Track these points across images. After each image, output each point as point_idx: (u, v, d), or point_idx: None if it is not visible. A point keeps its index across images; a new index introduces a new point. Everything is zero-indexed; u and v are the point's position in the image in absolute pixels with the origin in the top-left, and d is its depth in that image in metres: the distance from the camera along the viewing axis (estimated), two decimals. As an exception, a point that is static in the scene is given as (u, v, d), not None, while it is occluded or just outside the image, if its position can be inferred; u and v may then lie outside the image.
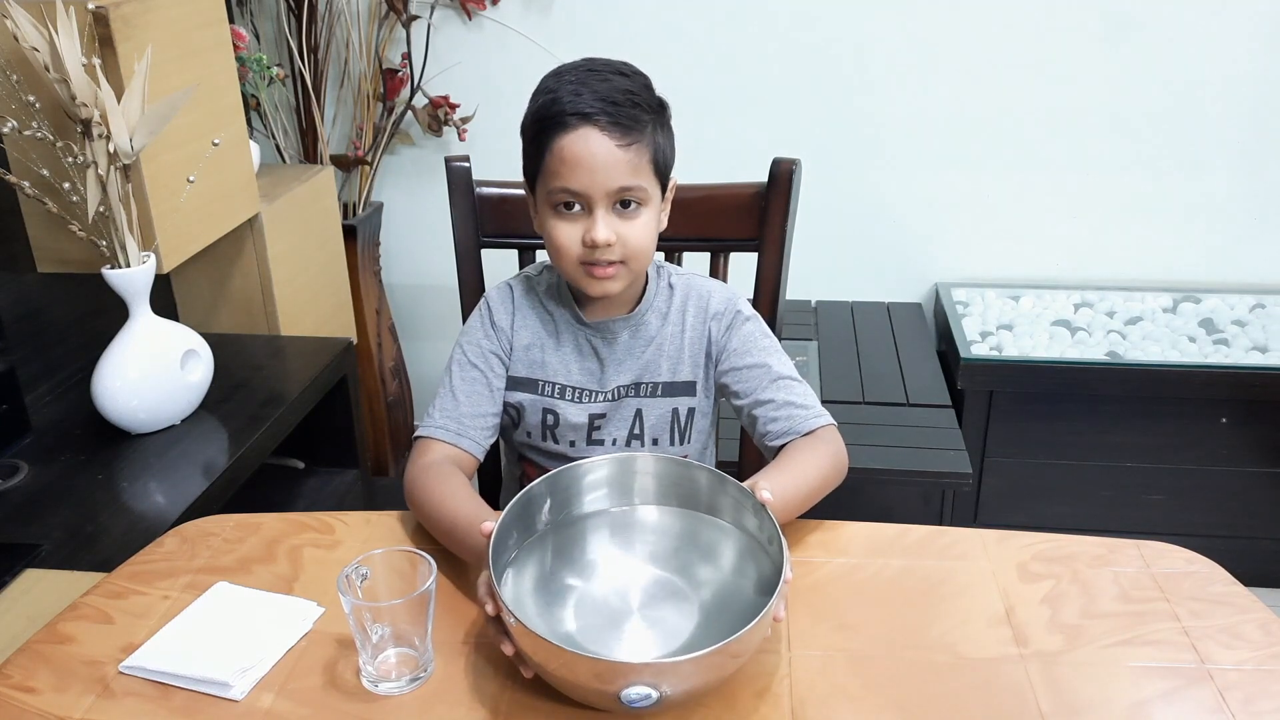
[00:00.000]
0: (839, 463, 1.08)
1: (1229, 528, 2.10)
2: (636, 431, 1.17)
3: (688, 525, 0.97)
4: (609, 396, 1.16)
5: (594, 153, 1.01)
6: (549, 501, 0.96)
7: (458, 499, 1.02)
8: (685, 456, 1.19)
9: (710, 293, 1.17)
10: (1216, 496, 2.08)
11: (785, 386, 1.12)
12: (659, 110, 1.07)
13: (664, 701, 0.79)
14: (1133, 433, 2.06)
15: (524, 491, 0.93)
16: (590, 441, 1.17)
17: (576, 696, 0.82)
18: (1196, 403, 2.03)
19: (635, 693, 0.76)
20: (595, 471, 0.97)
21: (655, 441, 1.17)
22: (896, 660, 0.88)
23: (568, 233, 1.05)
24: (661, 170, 1.07)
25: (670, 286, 1.18)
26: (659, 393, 1.16)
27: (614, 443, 1.17)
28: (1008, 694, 0.83)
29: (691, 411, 1.17)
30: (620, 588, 0.94)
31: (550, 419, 1.16)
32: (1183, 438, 2.05)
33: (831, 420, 1.12)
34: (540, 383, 1.16)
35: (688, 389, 1.17)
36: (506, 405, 1.18)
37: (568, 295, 1.16)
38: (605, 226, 1.03)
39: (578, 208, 1.05)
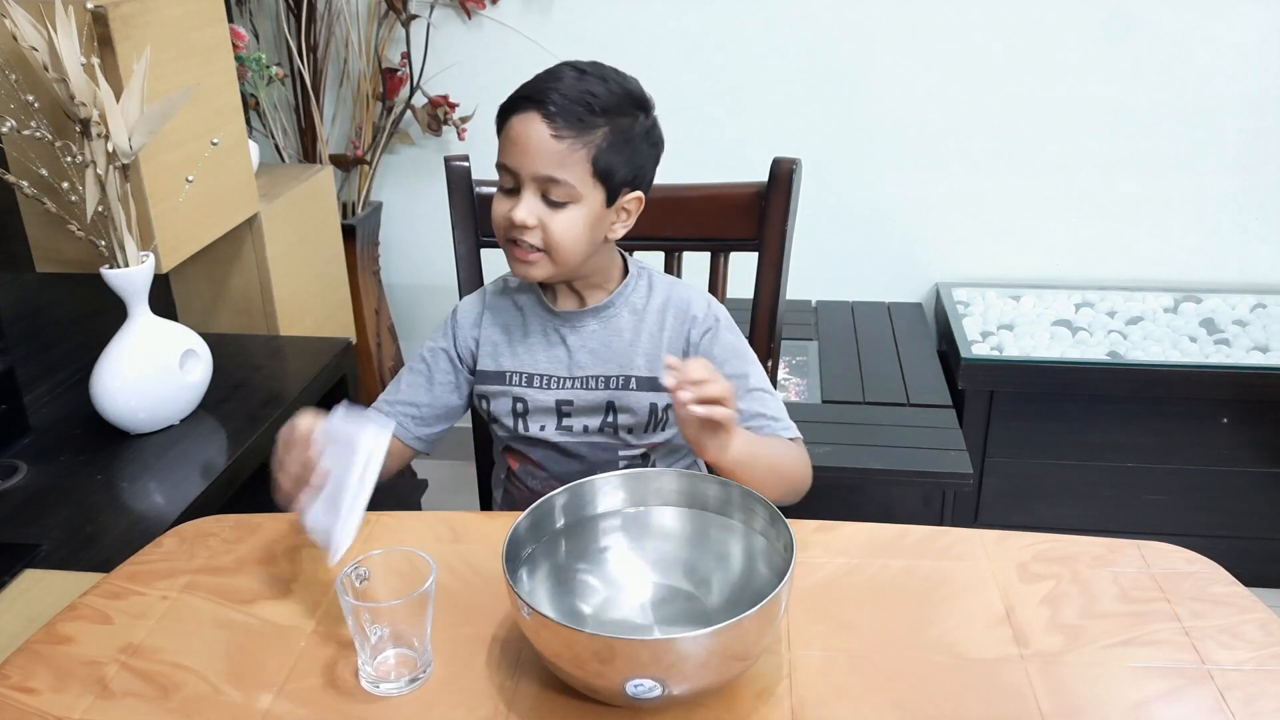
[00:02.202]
0: (803, 468, 1.11)
1: (1229, 528, 2.10)
2: (610, 420, 1.18)
3: (700, 531, 0.97)
4: (577, 384, 1.17)
5: (529, 135, 1.06)
6: (563, 507, 0.96)
7: None
8: (658, 445, 1.20)
9: (691, 299, 1.19)
10: (1217, 496, 2.08)
11: (759, 398, 1.15)
12: (626, 122, 1.08)
13: (667, 698, 0.79)
14: (1133, 433, 2.06)
15: (541, 501, 0.94)
16: (559, 428, 1.19)
17: (581, 686, 0.82)
18: (1197, 403, 2.02)
19: (640, 685, 0.77)
20: (610, 483, 0.98)
21: (630, 430, 1.18)
22: (896, 660, 0.87)
23: (500, 208, 1.11)
24: (603, 176, 1.08)
25: (650, 286, 1.20)
26: (633, 386, 1.17)
27: (584, 429, 1.18)
28: (1008, 694, 0.83)
29: (668, 407, 1.18)
30: (634, 597, 0.95)
31: (520, 406, 1.19)
32: (1183, 438, 2.05)
33: (800, 435, 1.15)
34: (508, 374, 1.20)
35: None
36: (475, 400, 1.23)
37: (538, 287, 1.20)
38: (525, 207, 1.08)
39: (513, 186, 1.09)
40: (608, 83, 1.09)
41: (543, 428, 1.19)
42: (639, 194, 1.14)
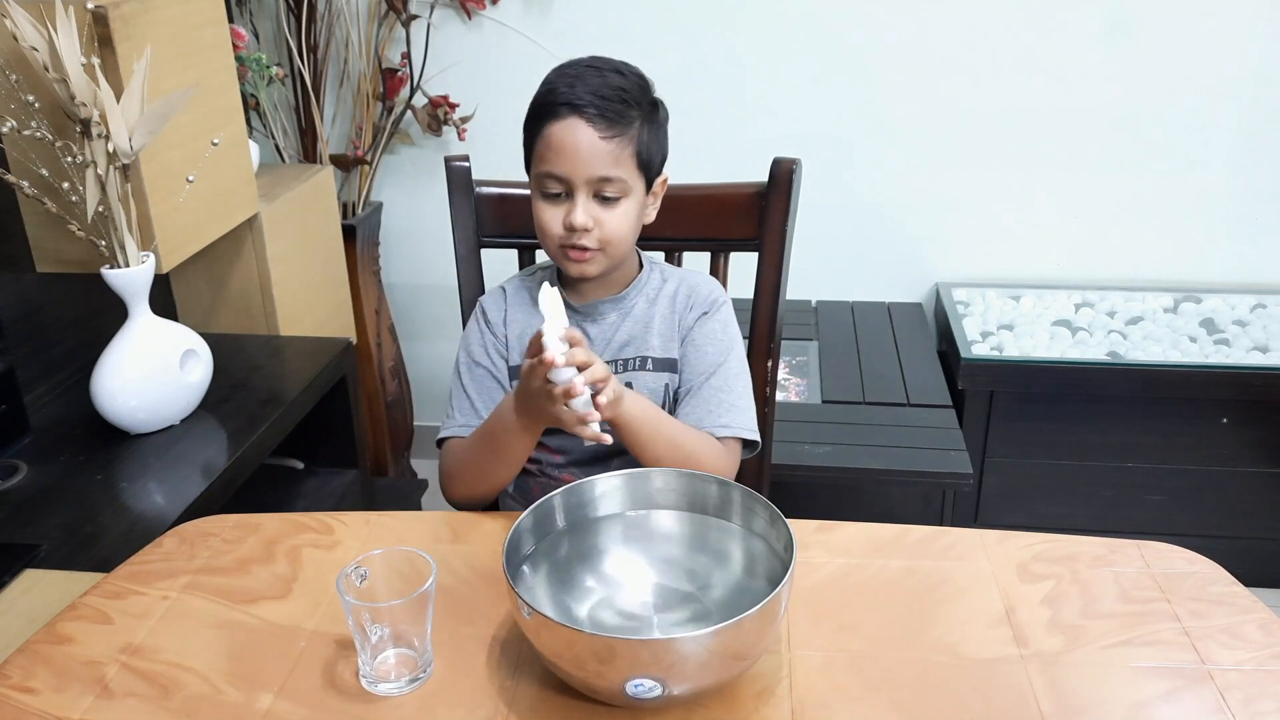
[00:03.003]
0: (710, 459, 1.11)
1: (1229, 528, 2.10)
2: None
3: (700, 531, 0.97)
4: None
5: (578, 141, 1.08)
6: (563, 509, 0.96)
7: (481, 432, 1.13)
8: None
9: (699, 283, 1.22)
10: (1217, 496, 2.08)
11: (711, 393, 1.16)
12: (650, 110, 1.13)
13: (667, 698, 0.79)
14: (1133, 433, 2.06)
15: (539, 502, 0.94)
16: None
17: (581, 686, 0.82)
18: (1197, 403, 2.02)
19: (640, 685, 0.77)
20: (610, 484, 0.98)
21: None
22: (896, 661, 0.87)
23: (550, 215, 1.12)
24: (645, 166, 1.12)
25: (664, 276, 1.23)
26: (649, 367, 1.19)
27: None
28: (1008, 694, 0.83)
29: (679, 389, 1.20)
30: (634, 597, 0.95)
31: None
32: (1183, 438, 2.05)
33: (747, 435, 1.15)
34: None
35: (674, 366, 1.20)
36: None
37: (558, 283, 1.20)
38: (584, 211, 1.10)
39: (561, 192, 1.11)
40: (624, 74, 1.12)
41: None
42: (665, 175, 1.18)
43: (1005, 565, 0.99)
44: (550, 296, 0.98)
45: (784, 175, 1.29)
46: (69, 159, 1.36)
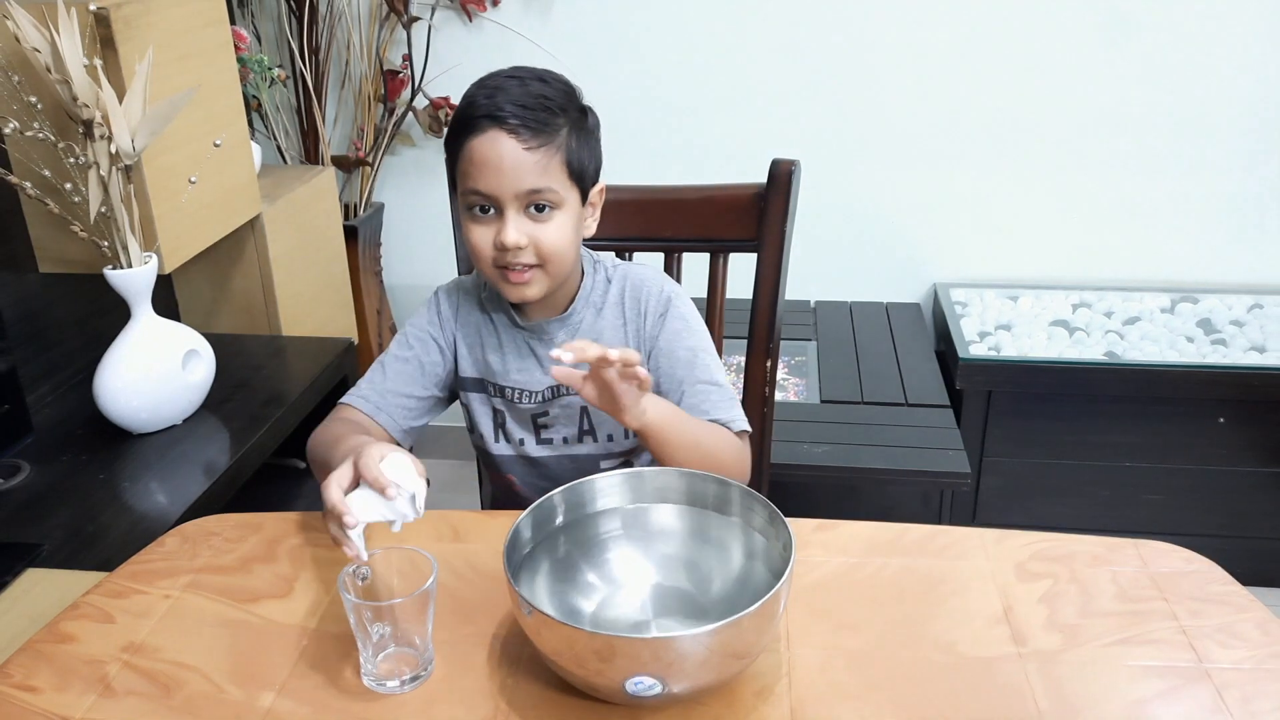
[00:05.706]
0: (730, 451, 1.08)
1: (1227, 527, 2.11)
2: (586, 428, 1.17)
3: (699, 530, 0.98)
4: (546, 395, 1.16)
5: (501, 154, 1.02)
6: (563, 506, 0.97)
7: (345, 440, 1.03)
8: (633, 449, 1.19)
9: (644, 282, 1.17)
10: (1214, 496, 2.09)
11: (702, 392, 1.12)
12: (579, 116, 1.07)
13: (667, 696, 0.79)
14: (1131, 433, 2.07)
15: (539, 501, 0.94)
16: (540, 440, 1.18)
17: (581, 685, 0.82)
18: (1194, 403, 2.03)
19: (640, 683, 0.77)
20: (610, 482, 0.98)
21: (610, 437, 1.17)
22: (896, 659, 0.88)
23: (481, 235, 1.06)
24: (577, 175, 1.07)
25: (608, 279, 1.18)
26: None
27: (564, 440, 1.17)
28: (1006, 693, 0.84)
29: None
30: (634, 596, 0.95)
31: (499, 418, 1.18)
32: (1181, 438, 2.06)
33: (745, 429, 1.12)
34: (487, 383, 1.18)
35: None
36: (459, 404, 1.21)
37: (504, 300, 1.16)
38: (515, 229, 1.04)
39: (490, 210, 1.06)
40: (548, 83, 1.06)
41: (522, 441, 1.18)
42: (602, 185, 1.13)
43: (1003, 564, 0.99)
44: (394, 463, 0.91)
45: (783, 176, 1.30)
46: (71, 160, 1.36)
